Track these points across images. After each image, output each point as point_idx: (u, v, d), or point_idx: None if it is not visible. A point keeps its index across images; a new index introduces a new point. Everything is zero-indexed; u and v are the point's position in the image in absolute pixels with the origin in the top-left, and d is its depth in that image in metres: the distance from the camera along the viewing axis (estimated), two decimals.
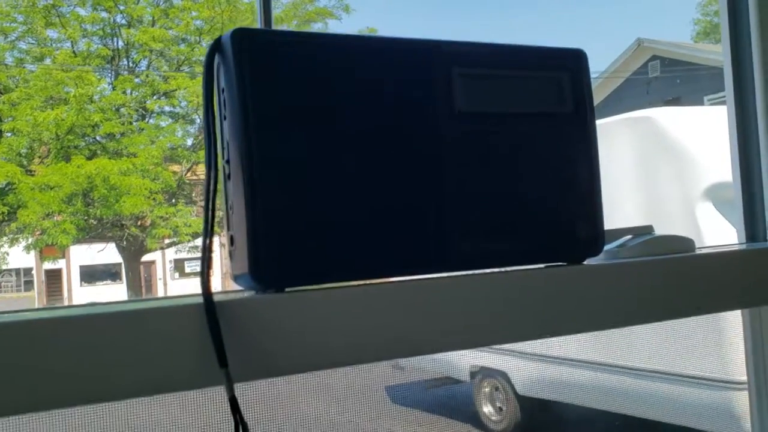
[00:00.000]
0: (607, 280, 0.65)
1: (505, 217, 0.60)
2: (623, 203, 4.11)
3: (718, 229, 3.48)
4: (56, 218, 9.20)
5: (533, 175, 0.62)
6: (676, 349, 3.71)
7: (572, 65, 0.64)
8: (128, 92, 10.38)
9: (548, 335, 0.63)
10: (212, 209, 0.51)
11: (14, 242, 9.78)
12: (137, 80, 10.51)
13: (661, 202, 3.90)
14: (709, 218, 3.62)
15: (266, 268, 0.52)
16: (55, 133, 9.34)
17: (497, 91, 0.61)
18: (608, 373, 4.15)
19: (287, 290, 0.54)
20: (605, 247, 0.69)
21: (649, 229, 0.71)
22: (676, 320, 0.71)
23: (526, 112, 0.62)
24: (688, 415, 3.75)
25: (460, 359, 4.59)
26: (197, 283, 0.52)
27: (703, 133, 3.62)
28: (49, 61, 10.03)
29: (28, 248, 9.74)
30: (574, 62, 0.64)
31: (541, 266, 0.64)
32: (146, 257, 11.26)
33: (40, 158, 9.73)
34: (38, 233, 9.35)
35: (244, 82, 0.52)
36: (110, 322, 0.45)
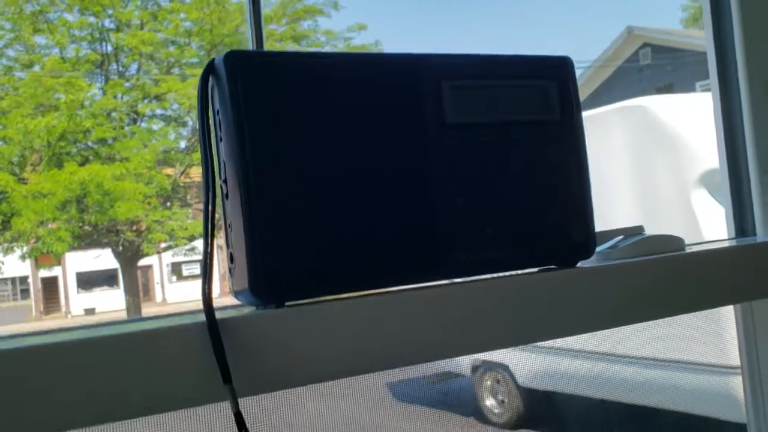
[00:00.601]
0: (600, 281, 0.66)
1: (497, 224, 0.62)
2: (618, 193, 4.14)
3: (713, 215, 3.51)
4: (51, 226, 9.18)
5: (523, 181, 0.63)
6: (676, 336, 3.73)
7: (559, 73, 0.65)
8: (119, 96, 10.36)
9: (544, 338, 0.64)
10: (211, 231, 0.52)
11: (9, 251, 9.77)
12: (127, 84, 10.48)
13: (656, 190, 3.93)
14: (704, 205, 3.65)
15: (266, 284, 0.53)
16: (46, 140, 9.32)
17: (486, 101, 0.62)
18: (609, 362, 4.18)
19: (288, 304, 0.55)
20: (597, 249, 0.71)
21: (639, 229, 0.73)
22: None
23: (514, 120, 0.63)
24: (690, 401, 3.78)
25: None
26: (195, 286, 0.53)
27: (696, 119, 3.63)
28: (38, 67, 10.00)
29: (23, 257, 9.72)
30: (560, 70, 0.66)
31: (534, 271, 0.65)
32: (143, 262, 11.26)
33: (32, 166, 9.71)
34: (33, 241, 9.34)
35: (238, 103, 0.53)
36: (114, 345, 0.47)
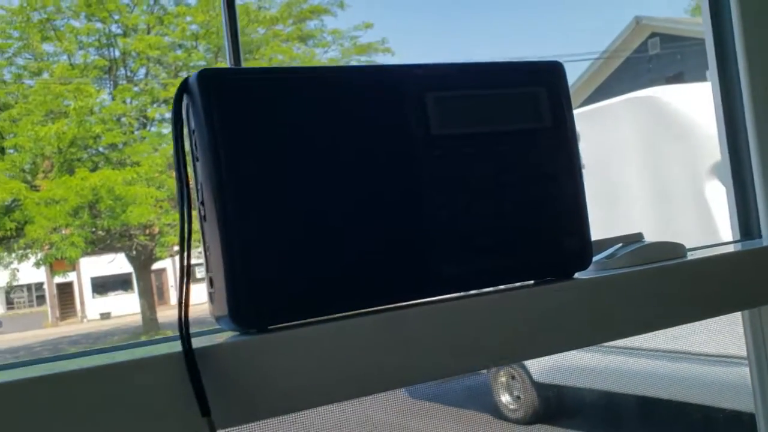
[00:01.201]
0: (597, 292, 0.64)
1: (488, 237, 0.60)
2: (631, 184, 4.09)
3: (727, 207, 3.44)
4: (64, 232, 9.24)
5: (515, 192, 0.61)
6: (692, 328, 3.69)
7: (549, 79, 0.63)
8: (128, 101, 10.39)
9: (540, 355, 0.62)
10: (188, 257, 0.50)
11: (24, 258, 9.84)
12: (136, 89, 10.52)
13: (668, 182, 3.88)
14: (718, 195, 3.60)
15: (246, 309, 0.51)
16: (57, 146, 9.38)
17: (473, 111, 0.60)
18: (624, 355, 4.14)
19: (270, 328, 0.53)
20: (595, 258, 0.68)
21: (638, 236, 0.70)
22: None
23: (504, 130, 0.61)
24: (708, 393, 3.74)
25: None
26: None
27: (707, 109, 3.57)
28: (47, 75, 10.05)
29: (38, 263, 9.79)
30: (550, 75, 0.63)
31: (529, 283, 0.63)
32: (156, 265, 11.29)
33: (44, 173, 9.77)
34: (47, 248, 9.40)
35: (213, 122, 0.52)
36: (85, 379, 0.45)
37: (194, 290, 0.52)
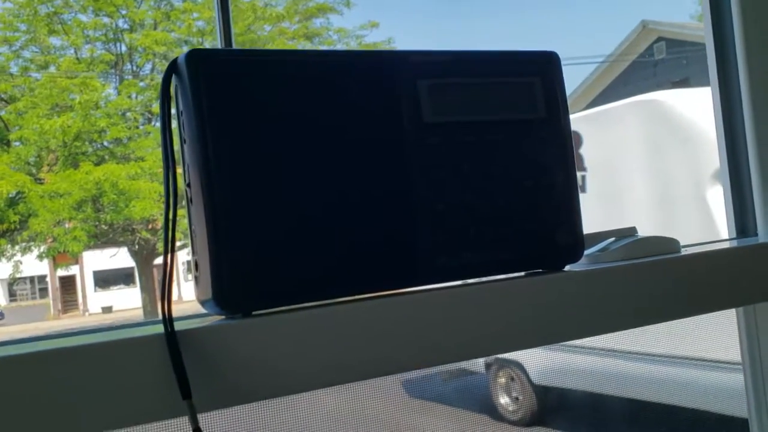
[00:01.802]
0: (588, 285, 0.63)
1: (479, 227, 0.59)
2: (634, 187, 4.08)
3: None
4: (67, 225, 9.26)
5: (507, 183, 0.60)
6: (690, 332, 3.68)
7: (544, 69, 0.62)
8: (133, 96, 10.41)
9: (529, 346, 0.62)
10: (172, 239, 0.50)
11: (27, 250, 9.86)
12: (142, 84, 10.53)
13: (671, 184, 3.87)
14: (720, 200, 3.57)
15: (231, 293, 0.51)
16: (62, 140, 9.40)
17: (466, 99, 0.60)
18: (623, 359, 4.13)
19: (254, 314, 0.53)
20: (587, 251, 0.68)
21: (632, 231, 0.70)
22: None
23: (497, 119, 0.60)
24: (704, 398, 3.73)
25: None
26: None
27: (711, 114, 3.55)
28: (53, 68, 10.08)
29: (40, 256, 9.82)
30: (545, 66, 0.63)
31: (520, 275, 0.63)
32: (159, 260, 11.32)
33: (48, 166, 9.79)
34: (50, 241, 9.42)
35: (201, 104, 0.51)
36: (67, 357, 0.45)
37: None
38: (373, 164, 0.56)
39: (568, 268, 0.64)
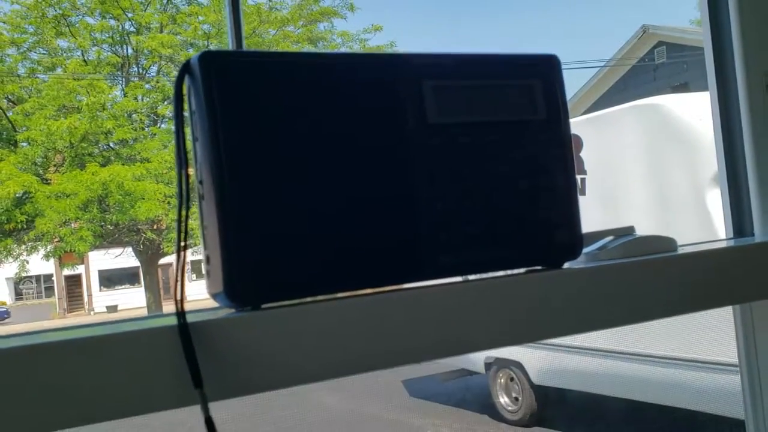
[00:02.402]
0: (586, 283, 0.65)
1: (480, 225, 0.61)
2: (634, 191, 4.09)
3: None
4: (73, 225, 9.31)
5: (508, 182, 0.62)
6: (688, 334, 3.69)
7: (545, 72, 0.64)
8: (139, 98, 10.46)
9: (530, 340, 0.63)
10: (185, 233, 0.52)
11: (33, 250, 9.92)
12: (148, 86, 10.58)
13: (671, 188, 3.88)
14: (719, 204, 3.58)
15: (241, 287, 0.53)
16: (69, 141, 9.45)
17: (469, 101, 0.61)
18: (621, 360, 4.14)
19: (264, 307, 0.55)
20: (585, 249, 0.69)
21: (630, 230, 0.71)
22: None
23: (498, 120, 0.62)
24: (700, 399, 3.74)
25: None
26: None
27: (710, 118, 3.56)
28: (60, 70, 10.14)
29: (47, 256, 9.87)
30: (546, 68, 0.64)
31: (520, 271, 0.64)
32: (164, 260, 11.36)
33: (55, 167, 9.85)
34: (56, 241, 9.47)
35: (213, 104, 0.53)
36: (83, 348, 0.47)
37: (203, 286, 0.53)
38: (378, 163, 0.58)
39: (567, 265, 0.65)
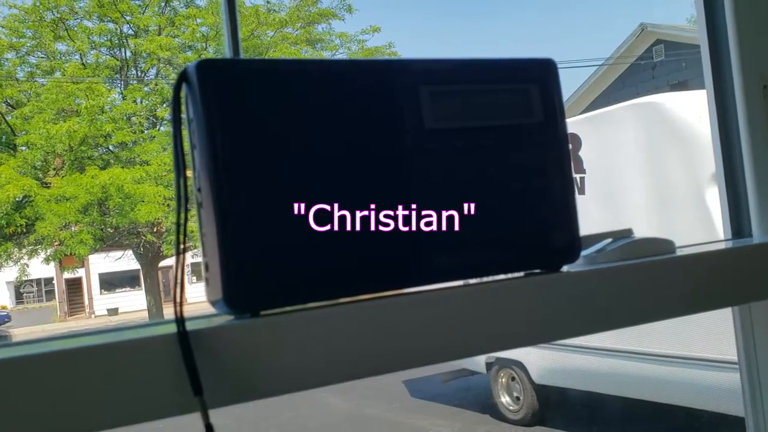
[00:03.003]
0: (584, 285, 0.65)
1: (480, 228, 0.61)
2: (632, 190, 4.09)
3: None
4: (73, 229, 9.31)
5: (506, 186, 0.62)
6: (689, 333, 3.70)
7: (541, 75, 0.64)
8: (138, 101, 10.47)
9: (529, 343, 0.63)
10: (184, 240, 0.52)
11: (33, 254, 9.92)
12: (146, 89, 10.59)
13: (670, 187, 3.88)
14: (718, 201, 3.58)
15: (240, 294, 0.53)
16: (68, 144, 9.45)
17: (466, 106, 0.62)
18: (623, 359, 4.14)
19: (263, 313, 0.55)
20: (584, 252, 0.70)
21: (628, 232, 0.71)
22: None
23: (495, 125, 0.62)
24: (702, 397, 3.74)
25: None
26: None
27: (708, 116, 3.57)
28: (59, 74, 10.14)
29: (47, 259, 9.88)
30: (543, 72, 0.65)
31: (519, 275, 0.64)
32: (164, 263, 11.36)
33: (54, 170, 9.85)
34: (56, 244, 9.47)
35: (210, 111, 0.53)
36: (83, 356, 0.47)
37: (203, 288, 0.53)
38: (376, 168, 0.58)
39: (565, 268, 0.65)
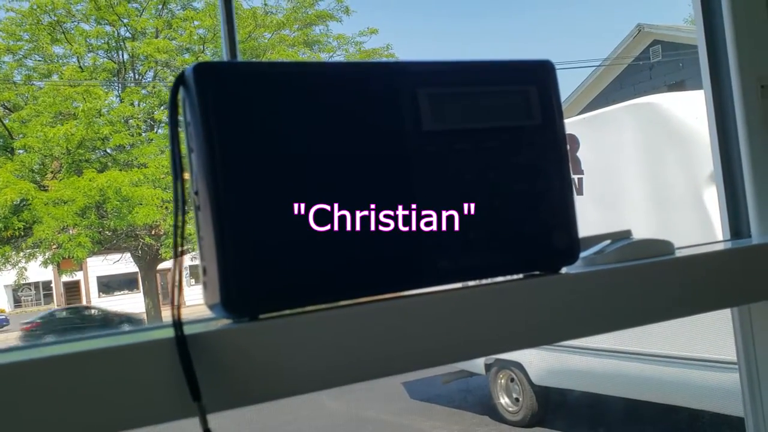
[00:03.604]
0: (584, 287, 0.65)
1: (478, 231, 0.61)
2: (631, 190, 4.10)
3: None
4: (71, 232, 9.30)
5: (505, 188, 0.62)
6: (689, 333, 3.70)
7: (540, 77, 0.64)
8: (136, 104, 10.46)
9: (529, 345, 0.63)
10: (181, 243, 0.52)
11: (31, 257, 9.90)
12: (144, 91, 10.58)
13: (668, 187, 3.88)
14: (716, 202, 3.58)
15: (238, 298, 0.53)
16: (65, 147, 9.44)
17: (464, 108, 0.61)
18: (622, 360, 4.15)
19: (261, 317, 0.55)
20: (583, 254, 0.69)
21: (627, 234, 0.71)
22: None
23: (494, 126, 0.62)
24: (701, 397, 3.74)
25: None
26: None
27: (706, 116, 3.58)
28: (56, 77, 10.13)
29: (45, 263, 9.86)
30: (541, 74, 0.65)
31: (518, 277, 0.64)
32: (162, 266, 11.35)
33: (52, 173, 9.83)
34: (54, 247, 9.46)
35: (208, 114, 0.53)
36: (80, 361, 0.46)
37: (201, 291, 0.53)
38: (375, 171, 0.58)
39: (564, 270, 0.65)
